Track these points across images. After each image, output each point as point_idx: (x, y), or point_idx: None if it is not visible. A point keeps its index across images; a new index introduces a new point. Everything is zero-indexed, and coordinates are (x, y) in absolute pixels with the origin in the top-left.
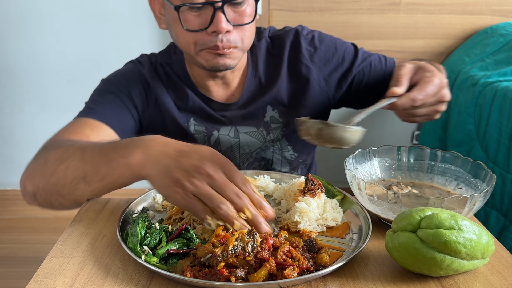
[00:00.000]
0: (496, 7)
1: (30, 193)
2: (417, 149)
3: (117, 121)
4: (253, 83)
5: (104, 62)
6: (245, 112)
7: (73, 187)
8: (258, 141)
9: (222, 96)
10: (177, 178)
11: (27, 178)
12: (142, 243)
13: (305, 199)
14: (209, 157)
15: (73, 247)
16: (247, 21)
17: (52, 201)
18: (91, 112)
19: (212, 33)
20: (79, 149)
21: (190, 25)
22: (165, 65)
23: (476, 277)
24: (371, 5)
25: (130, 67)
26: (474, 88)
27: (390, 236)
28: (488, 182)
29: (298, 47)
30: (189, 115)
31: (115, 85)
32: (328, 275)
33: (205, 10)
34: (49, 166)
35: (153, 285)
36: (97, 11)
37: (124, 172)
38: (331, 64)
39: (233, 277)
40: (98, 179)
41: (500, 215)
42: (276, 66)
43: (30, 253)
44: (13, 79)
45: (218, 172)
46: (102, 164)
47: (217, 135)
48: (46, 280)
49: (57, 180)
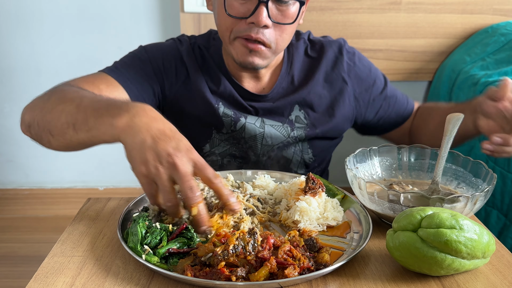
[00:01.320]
0: (497, 6)
1: (26, 123)
2: (418, 149)
3: (136, 88)
4: (285, 80)
5: (104, 62)
6: (272, 106)
7: (63, 131)
8: (282, 136)
9: (253, 88)
10: (146, 158)
11: (28, 108)
12: (143, 243)
13: (305, 198)
14: (184, 149)
15: (73, 246)
16: (288, 21)
17: (42, 137)
18: (114, 71)
19: (250, 24)
20: (79, 97)
21: (232, 11)
22: (202, 48)
23: (477, 276)
24: (372, 4)
25: (169, 43)
26: (475, 87)
27: (391, 236)
28: (488, 182)
29: (339, 58)
30: (219, 99)
31: (149, 54)
32: (329, 274)
33: (251, 0)
34: (49, 103)
35: (154, 285)
36: (97, 10)
37: (107, 130)
38: (364, 84)
39: (234, 276)
40: (85, 129)
41: (500, 214)
42: (312, 69)
43: (30, 252)
44: (13, 78)
45: (186, 165)
46: (91, 117)
47: (244, 122)
48: (47, 279)
49: (51, 119)
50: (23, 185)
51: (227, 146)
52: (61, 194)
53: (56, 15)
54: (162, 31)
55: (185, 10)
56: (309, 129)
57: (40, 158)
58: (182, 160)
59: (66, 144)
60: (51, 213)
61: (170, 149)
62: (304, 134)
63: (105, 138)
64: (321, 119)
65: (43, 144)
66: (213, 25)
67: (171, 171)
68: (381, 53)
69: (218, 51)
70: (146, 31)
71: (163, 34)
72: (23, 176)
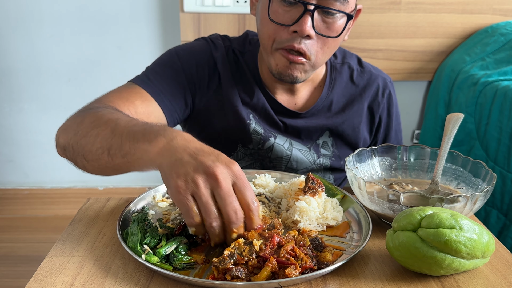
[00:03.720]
0: (496, 6)
1: (61, 146)
2: (418, 148)
3: (169, 100)
4: (324, 103)
5: (104, 62)
6: (303, 126)
7: (98, 156)
8: (308, 161)
9: (285, 101)
10: (183, 172)
11: (62, 131)
12: (142, 242)
13: (305, 198)
14: (225, 162)
15: (73, 246)
16: (332, 34)
17: (77, 161)
18: (147, 83)
19: (293, 33)
20: (114, 120)
21: (276, 17)
22: (237, 53)
23: (477, 276)
24: (372, 4)
25: (202, 46)
26: (475, 87)
27: (391, 235)
28: (488, 182)
29: (380, 97)
30: (249, 111)
31: (181, 61)
32: (329, 274)
33: (296, 8)
34: (83, 127)
35: (153, 285)
36: (97, 10)
37: (143, 156)
38: (385, 129)
39: (229, 276)
40: (120, 155)
41: (500, 214)
42: (354, 97)
43: (30, 252)
44: (12, 78)
45: (227, 180)
46: (127, 142)
47: (273, 142)
48: (46, 279)
49: (85, 143)
50: (23, 185)
51: (250, 161)
52: (61, 194)
53: (55, 15)
54: (161, 31)
55: (185, 10)
56: (334, 159)
57: (40, 158)
58: (223, 172)
59: (101, 169)
60: (51, 213)
61: (209, 161)
62: (330, 163)
63: (141, 163)
64: (348, 153)
65: (79, 167)
66: (212, 25)
67: (212, 183)
68: (381, 53)
69: (253, 57)
70: (146, 30)
71: (162, 34)
72: (22, 176)
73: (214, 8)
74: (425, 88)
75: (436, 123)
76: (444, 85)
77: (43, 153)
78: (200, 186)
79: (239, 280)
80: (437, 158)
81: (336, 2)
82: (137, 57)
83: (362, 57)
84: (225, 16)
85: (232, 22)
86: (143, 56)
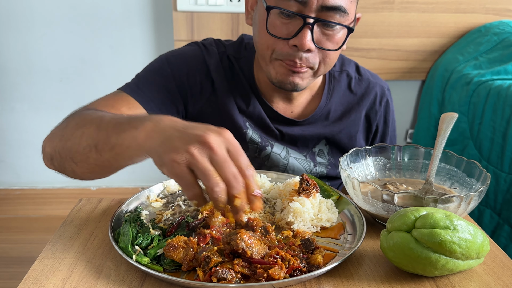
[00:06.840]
0: (489, 5)
1: (48, 156)
2: (412, 148)
3: (159, 109)
4: (323, 112)
5: (96, 61)
6: (300, 134)
7: (86, 155)
8: (304, 170)
9: (282, 109)
10: (176, 146)
11: (47, 140)
12: (134, 243)
13: (299, 199)
14: (216, 130)
15: (64, 248)
16: (332, 47)
17: (65, 167)
18: (135, 91)
19: (292, 47)
20: (98, 117)
21: (275, 30)
22: (232, 59)
23: (471, 277)
24: (365, 4)
25: (195, 52)
26: (468, 86)
27: (385, 236)
28: (482, 181)
29: (378, 105)
30: (245, 119)
31: (172, 68)
32: (323, 275)
33: (295, 21)
34: (67, 130)
35: (146, 287)
36: (89, 9)
37: (131, 143)
38: (381, 136)
39: (215, 278)
40: (108, 148)
41: (494, 213)
42: (351, 106)
43: (21, 253)
44: (4, 77)
45: (222, 147)
46: (114, 134)
47: (270, 151)
48: (37, 282)
49: (71, 145)
50: (15, 185)
51: None
52: (53, 194)
53: (47, 14)
54: (154, 30)
55: (178, 9)
56: (330, 168)
57: (32, 158)
58: (216, 139)
59: (90, 170)
60: (43, 213)
61: (200, 132)
62: (326, 171)
63: (130, 152)
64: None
65: (68, 174)
66: (206, 24)
67: (207, 152)
68: (374, 52)
69: (249, 64)
70: (139, 29)
71: (155, 33)
72: (14, 176)
73: (207, 7)
74: (418, 87)
75: (429, 122)
76: (437, 84)
77: (34, 153)
78: (196, 155)
79: (230, 282)
80: (431, 158)
81: (336, 15)
82: (130, 56)
83: (356, 57)
84: (219, 15)
85: (225, 21)
86: (136, 55)
